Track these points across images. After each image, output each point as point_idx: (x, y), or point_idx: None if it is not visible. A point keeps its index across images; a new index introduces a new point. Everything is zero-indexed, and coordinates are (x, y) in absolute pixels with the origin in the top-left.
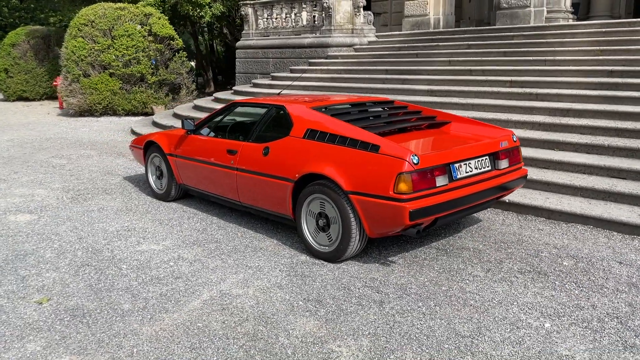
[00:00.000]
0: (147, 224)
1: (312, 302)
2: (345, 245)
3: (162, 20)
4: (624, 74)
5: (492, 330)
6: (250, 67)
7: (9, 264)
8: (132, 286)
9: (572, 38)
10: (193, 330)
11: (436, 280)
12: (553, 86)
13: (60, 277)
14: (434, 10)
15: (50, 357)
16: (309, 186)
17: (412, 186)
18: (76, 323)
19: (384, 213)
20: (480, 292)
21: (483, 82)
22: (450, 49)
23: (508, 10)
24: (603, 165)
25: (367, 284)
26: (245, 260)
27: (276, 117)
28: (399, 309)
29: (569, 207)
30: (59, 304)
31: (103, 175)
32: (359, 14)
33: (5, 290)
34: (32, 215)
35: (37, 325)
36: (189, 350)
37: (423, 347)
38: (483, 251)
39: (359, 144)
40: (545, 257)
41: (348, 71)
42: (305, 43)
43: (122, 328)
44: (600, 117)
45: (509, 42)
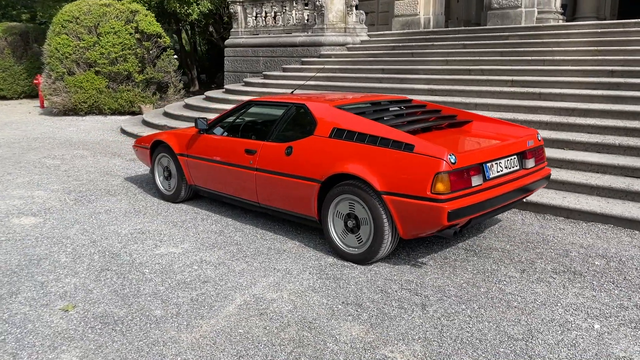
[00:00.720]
0: (161, 226)
1: (352, 305)
2: (377, 247)
3: (149, 18)
4: (624, 74)
5: (544, 333)
6: (239, 66)
7: (24, 269)
8: (159, 291)
9: (568, 38)
10: (235, 337)
11: (473, 281)
12: (554, 86)
13: (81, 283)
14: (424, 10)
15: None
16: (337, 187)
17: (449, 186)
18: (109, 331)
19: (421, 214)
20: (520, 294)
21: (483, 81)
22: (445, 48)
23: (499, 11)
24: (617, 165)
25: (403, 287)
26: (271, 263)
27: (297, 115)
28: (443, 312)
29: (588, 206)
30: (86, 311)
31: (102, 176)
32: (352, 12)
33: (26, 297)
34: (37, 218)
35: (68, 334)
36: (235, 358)
37: (478, 352)
38: (512, 251)
39: (391, 143)
40: (575, 256)
41: (343, 70)
42: (297, 42)
43: (159, 336)
44: (606, 116)
45: (505, 42)
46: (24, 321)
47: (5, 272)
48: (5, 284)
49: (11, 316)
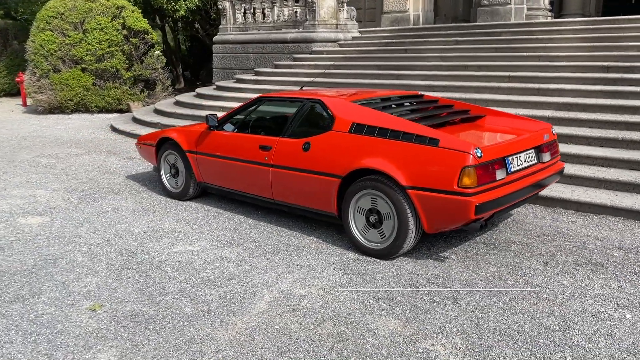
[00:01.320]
0: (173, 224)
1: (383, 300)
2: (401, 242)
3: (135, 14)
4: (620, 70)
5: (578, 323)
6: (228, 63)
7: (41, 269)
8: (185, 289)
9: (560, 35)
10: (272, 333)
11: (498, 274)
12: (552, 81)
13: (103, 282)
14: (414, 7)
15: None
16: (358, 182)
17: (476, 180)
18: (142, 330)
19: (447, 208)
20: (548, 286)
21: (481, 77)
22: (439, 45)
23: (489, 7)
24: (622, 158)
25: (430, 281)
26: (292, 259)
27: (313, 111)
28: (475, 305)
29: (598, 199)
30: (115, 310)
31: (102, 175)
32: (343, 9)
33: (49, 297)
34: (44, 218)
35: (101, 333)
36: (278, 354)
37: (518, 343)
38: (530, 245)
39: (414, 138)
40: (593, 249)
41: (337, 66)
42: (288, 38)
43: (194, 333)
44: (606, 111)
45: (498, 39)
46: (52, 321)
47: (23, 273)
48: (26, 284)
49: (38, 317)
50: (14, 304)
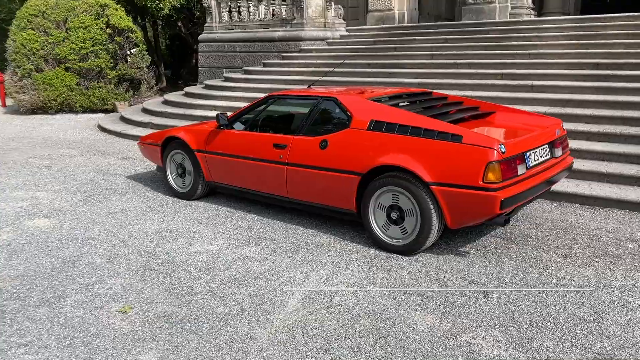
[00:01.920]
0: (186, 224)
1: (415, 296)
2: (424, 238)
3: (119, 12)
4: (609, 66)
5: (610, 314)
6: (215, 61)
7: (61, 272)
8: (212, 289)
9: (547, 32)
10: (312, 331)
11: (522, 268)
12: (545, 78)
13: (127, 283)
14: (399, 5)
15: None
16: (379, 179)
17: (500, 175)
18: (179, 330)
19: (472, 203)
20: (572, 278)
21: (473, 75)
22: (428, 43)
23: (474, 6)
24: (622, 152)
25: (457, 275)
26: (314, 257)
27: (328, 109)
28: (506, 298)
29: (603, 193)
30: (146, 312)
31: (101, 176)
32: (331, 7)
33: (75, 300)
34: (51, 220)
35: (137, 335)
36: (322, 351)
37: (557, 334)
38: (546, 238)
39: (436, 134)
40: (607, 241)
41: (328, 65)
42: (276, 37)
43: (233, 333)
44: (601, 107)
45: (486, 37)
46: (84, 325)
47: (43, 276)
48: (48, 287)
49: (68, 320)
50: (41, 307)
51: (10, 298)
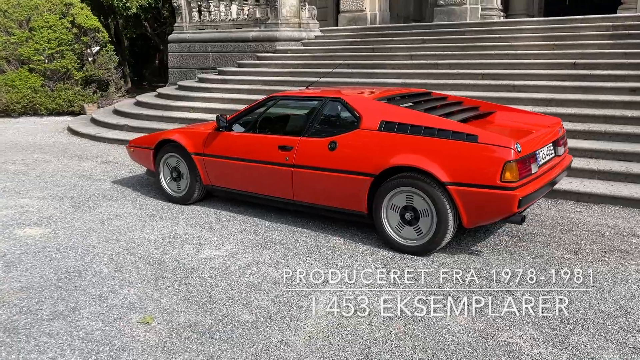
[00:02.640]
0: (188, 229)
1: (441, 296)
2: (440, 238)
3: (85, 11)
4: (586, 66)
5: (634, 308)
6: (185, 62)
7: (68, 283)
8: (233, 295)
9: (521, 34)
10: (347, 336)
11: (538, 265)
12: (525, 78)
13: (142, 293)
14: (370, 6)
15: None
16: (392, 179)
17: (517, 174)
18: (209, 340)
19: (490, 202)
20: (589, 274)
21: (454, 75)
22: (405, 44)
23: (445, 7)
24: (610, 150)
25: (477, 275)
26: (328, 260)
27: (334, 110)
28: (531, 296)
29: (597, 190)
30: (169, 322)
31: (85, 181)
32: (305, 8)
33: (91, 312)
34: (43, 228)
35: (166, 347)
36: (363, 356)
37: (590, 330)
38: (552, 235)
39: (451, 134)
40: (610, 236)
41: (306, 65)
42: (250, 37)
43: (266, 341)
44: (583, 105)
45: (462, 38)
46: (107, 338)
47: (49, 288)
48: (58, 300)
49: (88, 334)
50: (55, 321)
51: (20, 312)
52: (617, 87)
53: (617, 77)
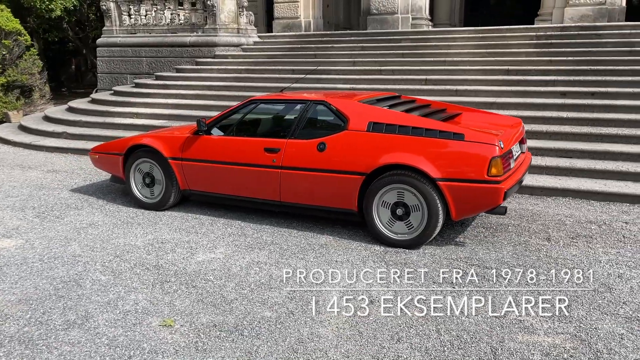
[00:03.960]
0: (173, 234)
1: (446, 285)
2: (430, 231)
3: (5, 13)
4: (519, 72)
5: (614, 285)
6: (117, 67)
7: (70, 292)
8: (245, 295)
9: (455, 42)
10: (372, 325)
11: (520, 252)
12: (465, 83)
13: (152, 297)
14: (304, 13)
15: None
16: (382, 178)
17: (502, 169)
18: (240, 337)
19: (479, 196)
20: (565, 257)
21: (399, 80)
22: (346, 50)
23: (378, 16)
24: (552, 148)
25: (469, 263)
26: (326, 257)
27: (320, 112)
28: (525, 279)
29: (548, 183)
30: (192, 323)
31: (38, 191)
32: (243, 13)
33: (106, 319)
34: (14, 240)
35: (199, 346)
36: (395, 340)
37: (585, 305)
38: (521, 225)
39: (438, 133)
40: (571, 224)
41: (250, 70)
42: (187, 42)
43: (297, 334)
44: (522, 108)
45: (400, 45)
46: (134, 342)
47: (50, 298)
48: (66, 309)
49: (112, 340)
50: (71, 330)
51: (29, 324)
52: (549, 91)
53: (547, 82)
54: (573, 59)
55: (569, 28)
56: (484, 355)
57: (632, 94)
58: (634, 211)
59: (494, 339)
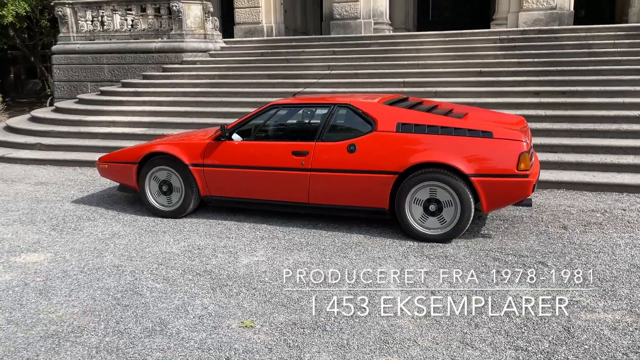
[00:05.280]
0: (206, 240)
1: (493, 274)
2: (464, 225)
3: None
4: (490, 74)
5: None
6: (76, 75)
7: (132, 301)
8: (308, 294)
9: (423, 46)
10: (448, 313)
11: (544, 241)
12: (442, 85)
13: (217, 301)
14: (266, 19)
15: None
16: (415, 176)
17: (529, 163)
18: (325, 332)
19: (510, 189)
20: (588, 242)
21: (378, 83)
22: (318, 55)
23: (341, 21)
24: (539, 144)
25: (506, 253)
26: (367, 254)
27: (345, 115)
28: (561, 264)
29: (542, 177)
30: (271, 323)
31: (37, 204)
32: (209, 19)
33: (184, 324)
34: (43, 254)
35: (289, 343)
36: (474, 326)
37: (625, 282)
38: (533, 217)
39: (467, 132)
40: (578, 213)
41: (223, 76)
42: (153, 48)
43: (379, 327)
44: (502, 107)
45: (371, 49)
46: (224, 344)
47: (115, 307)
48: (138, 317)
49: (202, 344)
50: (154, 337)
51: (107, 334)
52: (523, 90)
53: (519, 82)
54: (539, 61)
55: (529, 32)
56: (560, 333)
57: (600, 92)
58: (625, 199)
59: (561, 319)
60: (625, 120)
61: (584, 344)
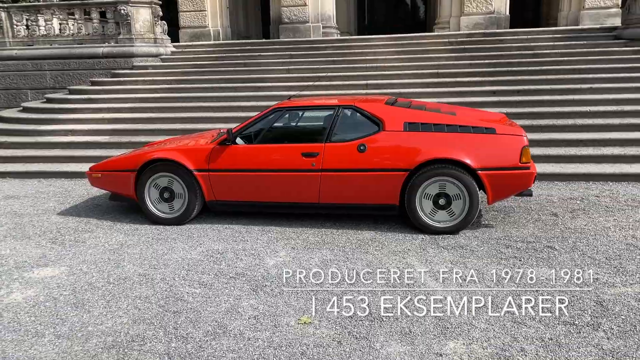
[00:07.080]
0: (220, 245)
1: (511, 259)
2: (472, 216)
3: None
4: (448, 75)
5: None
6: (14, 82)
7: (178, 307)
8: (350, 291)
9: (377, 49)
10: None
11: (542, 227)
12: (405, 87)
13: (263, 301)
14: (212, 23)
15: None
16: (424, 172)
17: (529, 156)
18: (384, 324)
19: (514, 181)
20: (581, 226)
21: (341, 85)
22: (275, 58)
23: (290, 25)
24: None
25: (514, 240)
26: (385, 249)
27: (351, 116)
28: (569, 246)
29: None
30: (327, 318)
31: (19, 218)
32: (158, 23)
33: (242, 325)
34: (56, 267)
35: (359, 335)
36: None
37: (631, 261)
38: (523, 206)
39: (472, 129)
40: (559, 202)
41: (173, 81)
42: (100, 53)
43: (429, 319)
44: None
45: (326, 53)
46: (292, 342)
47: (164, 314)
48: (192, 322)
49: (270, 342)
50: (221, 339)
51: (171, 340)
52: (482, 90)
53: (476, 82)
54: (489, 62)
55: (475, 34)
56: (595, 306)
57: (550, 90)
58: (593, 187)
59: (590, 296)
60: (579, 116)
61: (619, 314)
